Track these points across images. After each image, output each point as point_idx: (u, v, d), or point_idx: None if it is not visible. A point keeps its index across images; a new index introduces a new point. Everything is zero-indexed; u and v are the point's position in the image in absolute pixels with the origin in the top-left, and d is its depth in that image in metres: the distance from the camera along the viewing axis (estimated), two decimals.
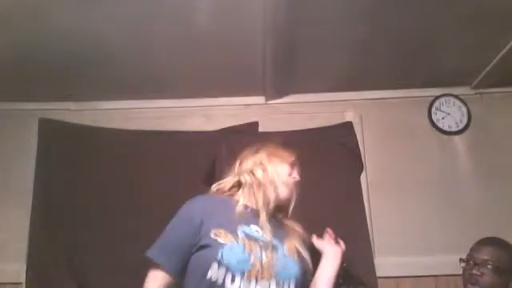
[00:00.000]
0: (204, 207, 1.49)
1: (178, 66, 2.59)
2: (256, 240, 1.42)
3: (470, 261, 1.73)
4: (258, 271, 1.36)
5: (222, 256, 1.35)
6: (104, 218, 2.69)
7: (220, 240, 1.38)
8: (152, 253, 1.45)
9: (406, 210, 2.76)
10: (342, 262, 1.65)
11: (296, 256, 1.49)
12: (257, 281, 1.35)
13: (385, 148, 2.89)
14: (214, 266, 1.35)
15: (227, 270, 1.34)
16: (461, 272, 1.79)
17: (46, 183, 2.81)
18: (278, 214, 1.60)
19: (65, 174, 2.82)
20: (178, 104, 3.00)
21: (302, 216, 2.62)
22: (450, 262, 1.95)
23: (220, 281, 1.34)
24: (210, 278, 1.34)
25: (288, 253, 1.48)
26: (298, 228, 1.61)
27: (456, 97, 2.95)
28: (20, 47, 2.36)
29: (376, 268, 2.63)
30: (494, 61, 2.60)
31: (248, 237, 1.42)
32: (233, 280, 1.33)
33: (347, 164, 2.84)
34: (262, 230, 1.46)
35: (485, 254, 1.69)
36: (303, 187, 2.76)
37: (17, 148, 2.92)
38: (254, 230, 1.45)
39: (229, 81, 2.80)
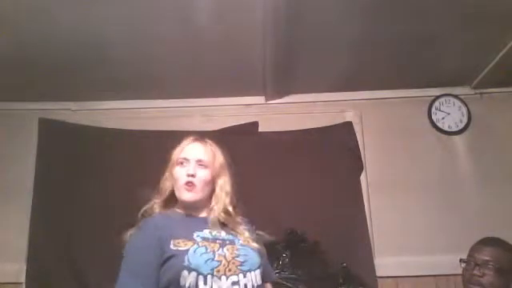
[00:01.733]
0: (157, 225, 1.50)
1: (178, 66, 2.59)
2: (214, 239, 1.46)
3: (470, 261, 1.72)
4: (225, 267, 1.39)
5: (188, 261, 1.36)
6: (104, 218, 2.69)
7: (181, 248, 1.39)
8: (123, 282, 1.45)
9: (406, 210, 2.76)
10: (342, 262, 1.65)
11: (253, 246, 1.52)
12: (227, 276, 1.38)
13: (385, 148, 2.89)
14: (184, 272, 1.35)
15: (197, 273, 1.35)
16: (461, 272, 1.79)
17: (46, 183, 2.81)
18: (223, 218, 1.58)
19: (65, 174, 2.82)
20: (178, 104, 3.00)
21: (301, 216, 2.65)
22: (449, 262, 1.95)
23: (193, 284, 1.35)
24: (184, 285, 1.35)
25: (245, 243, 1.51)
26: (245, 232, 1.57)
27: (456, 97, 2.95)
28: (20, 47, 2.36)
29: (376, 268, 2.63)
30: (494, 61, 2.60)
31: (205, 239, 1.45)
32: (205, 281, 1.35)
33: (347, 164, 2.84)
34: (214, 231, 1.49)
35: (486, 255, 1.69)
36: (303, 187, 2.79)
37: (17, 148, 2.92)
38: (207, 232, 1.48)
39: (229, 81, 2.80)
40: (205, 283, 1.35)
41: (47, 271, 2.65)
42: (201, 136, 1.68)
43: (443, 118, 2.92)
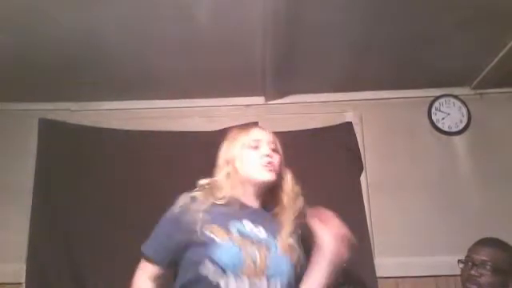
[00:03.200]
0: (196, 203, 1.50)
1: (178, 66, 2.59)
2: (249, 237, 1.42)
3: (468, 262, 1.73)
4: (250, 270, 1.37)
5: (214, 254, 1.36)
6: (104, 218, 2.69)
7: (213, 237, 1.39)
8: (144, 247, 1.51)
9: (406, 210, 2.76)
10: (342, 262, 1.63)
11: (289, 254, 1.48)
12: (249, 278, 1.36)
13: (385, 148, 2.89)
14: (207, 263, 1.36)
15: (220, 267, 1.35)
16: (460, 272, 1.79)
17: (46, 183, 2.81)
18: (268, 203, 1.58)
19: (65, 174, 2.82)
20: (178, 104, 3.00)
21: None
22: (450, 262, 1.95)
23: (212, 278, 1.35)
24: (203, 275, 1.36)
25: (281, 252, 1.46)
26: (290, 216, 1.56)
27: (456, 97, 2.95)
28: (20, 47, 2.36)
29: (376, 268, 2.63)
30: (494, 61, 2.60)
31: (241, 234, 1.42)
32: (226, 279, 1.35)
33: (347, 164, 2.84)
34: (253, 225, 1.46)
35: (483, 255, 1.69)
36: (303, 187, 2.78)
37: (17, 148, 2.92)
38: (246, 226, 1.45)
39: (229, 81, 2.80)
40: (223, 279, 1.35)
41: (47, 271, 2.65)
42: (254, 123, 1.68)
43: (443, 119, 2.92)
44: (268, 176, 1.52)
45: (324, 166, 2.81)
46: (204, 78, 2.75)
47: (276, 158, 1.56)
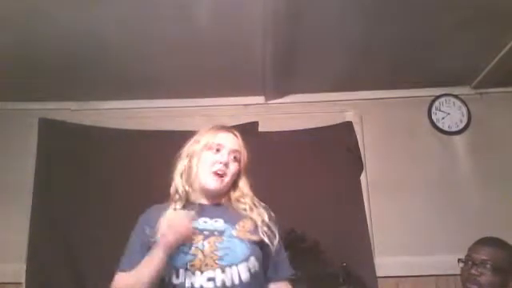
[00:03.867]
0: (152, 215, 1.51)
1: (178, 66, 2.59)
2: (201, 231, 1.40)
3: (468, 261, 1.73)
4: (200, 261, 1.34)
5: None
6: (104, 218, 2.69)
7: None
8: (119, 265, 1.52)
9: (406, 210, 2.76)
10: (342, 262, 1.63)
11: (249, 235, 1.43)
12: (202, 271, 1.33)
13: (385, 148, 2.89)
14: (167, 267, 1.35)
15: (171, 265, 1.34)
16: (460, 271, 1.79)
17: (46, 183, 2.81)
18: (223, 200, 1.54)
19: (65, 174, 2.82)
20: (178, 104, 3.00)
21: (301, 216, 2.65)
22: (450, 262, 1.95)
23: (167, 278, 1.35)
24: (161, 278, 1.35)
25: (237, 234, 1.42)
26: (256, 216, 1.50)
27: (456, 97, 2.95)
28: (20, 47, 2.36)
29: (376, 268, 2.63)
30: (494, 61, 2.60)
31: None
32: (177, 274, 1.34)
33: (347, 164, 2.84)
34: (211, 219, 1.43)
35: (483, 254, 1.69)
36: (303, 187, 2.78)
37: (17, 148, 2.92)
38: (201, 221, 1.42)
39: (229, 81, 2.80)
40: (177, 277, 1.33)
41: (47, 271, 2.65)
42: (232, 128, 1.61)
43: (443, 118, 2.92)
44: (213, 184, 1.47)
45: (324, 166, 2.81)
46: (204, 78, 2.75)
47: (232, 168, 1.50)
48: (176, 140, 2.91)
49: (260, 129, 2.92)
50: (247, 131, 2.88)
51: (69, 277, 2.63)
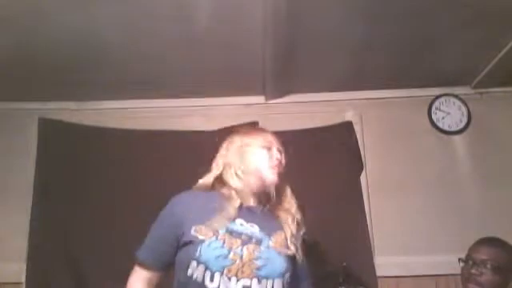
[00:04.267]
0: (186, 204, 1.48)
1: (178, 65, 2.59)
2: (239, 235, 1.38)
3: (468, 261, 1.73)
4: (238, 268, 1.32)
5: (200, 253, 1.33)
6: (104, 218, 2.69)
7: (199, 236, 1.35)
8: (138, 252, 1.49)
9: (406, 210, 2.76)
10: (342, 262, 1.64)
11: (283, 251, 1.43)
12: (238, 279, 1.31)
13: (385, 148, 2.89)
14: (193, 263, 1.34)
15: (206, 267, 1.32)
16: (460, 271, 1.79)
17: (46, 183, 2.81)
18: (268, 203, 1.54)
19: (65, 174, 2.82)
20: (177, 104, 3.00)
21: (301, 216, 2.64)
22: (450, 262, 1.95)
23: (200, 278, 1.32)
24: (191, 276, 1.33)
25: (273, 246, 1.41)
26: (290, 220, 1.54)
27: (456, 96, 2.95)
28: (20, 47, 2.36)
29: (376, 268, 2.63)
30: (494, 60, 2.60)
31: (230, 232, 1.37)
32: (212, 278, 1.31)
33: (347, 164, 2.84)
34: (246, 223, 1.42)
35: (484, 254, 1.69)
36: (303, 187, 2.78)
37: (17, 148, 2.92)
38: (238, 223, 1.41)
39: (229, 80, 2.80)
40: (211, 280, 1.31)
41: (47, 271, 2.65)
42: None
43: (443, 118, 2.92)
44: (274, 178, 1.53)
45: (324, 166, 2.81)
46: (204, 78, 2.75)
47: (281, 165, 1.57)
48: (176, 140, 2.95)
49: None
50: None
51: (69, 277, 2.63)
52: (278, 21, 2.13)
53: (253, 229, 1.41)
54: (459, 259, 1.77)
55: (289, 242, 1.46)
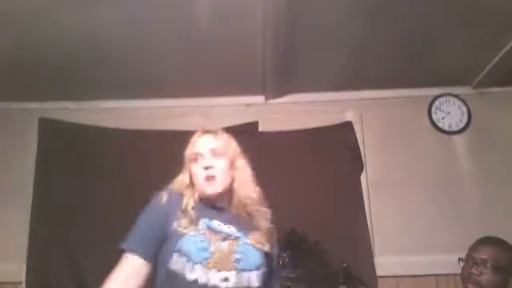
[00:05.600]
0: (169, 200, 1.49)
1: (178, 65, 2.59)
2: (218, 232, 1.41)
3: (469, 260, 1.73)
4: (217, 260, 1.35)
5: (181, 245, 1.35)
6: (104, 218, 2.69)
7: (181, 230, 1.38)
8: (125, 243, 1.47)
9: (406, 210, 2.76)
10: (342, 262, 1.64)
11: (260, 246, 1.45)
12: (218, 270, 1.34)
13: (385, 148, 2.89)
14: (175, 255, 1.36)
15: (187, 259, 1.34)
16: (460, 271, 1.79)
17: (45, 182, 2.81)
18: (230, 204, 1.52)
19: (64, 174, 2.82)
20: (177, 104, 3.00)
21: (301, 216, 2.65)
22: (450, 262, 1.95)
23: (180, 270, 1.34)
24: (172, 268, 1.35)
25: (250, 242, 1.44)
26: (264, 222, 1.51)
27: (456, 96, 2.95)
28: (20, 47, 2.36)
29: (376, 267, 2.63)
30: (494, 60, 2.60)
31: (209, 228, 1.40)
32: (192, 269, 1.33)
33: (347, 164, 2.84)
34: (224, 224, 1.44)
35: (484, 254, 1.69)
36: (303, 187, 2.78)
37: (17, 148, 2.92)
38: (216, 224, 1.43)
39: (229, 80, 2.80)
40: (192, 271, 1.33)
41: (47, 271, 2.65)
42: (210, 129, 1.61)
43: (443, 118, 2.92)
44: (209, 190, 1.46)
45: (324, 166, 2.81)
46: (204, 78, 2.75)
47: (218, 165, 1.48)
48: (176, 140, 2.90)
49: (260, 129, 2.92)
50: (247, 131, 2.89)
51: (69, 276, 2.63)
52: (278, 21, 2.13)
53: (230, 229, 1.44)
54: (459, 259, 1.77)
55: (264, 240, 1.48)
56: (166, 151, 2.84)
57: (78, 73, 2.64)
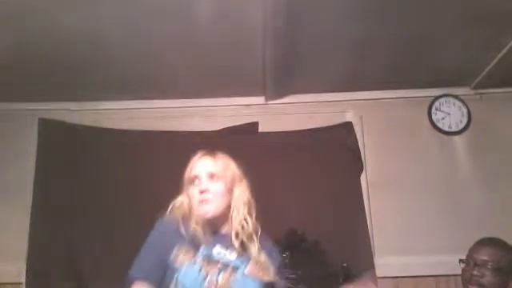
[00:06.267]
0: (170, 224, 1.48)
1: (178, 66, 2.59)
2: (216, 262, 1.40)
3: (469, 261, 1.72)
4: None
5: (178, 277, 1.35)
6: (104, 218, 2.69)
7: (179, 260, 1.38)
8: (133, 270, 1.45)
9: (406, 210, 2.76)
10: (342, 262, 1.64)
11: (261, 274, 1.44)
12: None
13: (385, 148, 2.89)
14: (172, 286, 1.36)
15: None
16: (460, 272, 1.79)
17: (45, 183, 2.81)
18: (225, 225, 1.51)
19: (64, 174, 2.82)
20: (177, 104, 3.00)
21: (302, 216, 2.65)
22: (450, 262, 1.95)
23: None
24: None
25: (249, 273, 1.43)
26: (257, 253, 1.48)
27: (456, 97, 2.95)
28: (20, 47, 2.36)
29: (376, 268, 2.63)
30: (494, 61, 2.60)
31: (208, 258, 1.40)
32: None
33: (347, 164, 2.84)
34: (224, 250, 1.43)
35: (485, 255, 1.69)
36: (303, 187, 2.78)
37: (17, 148, 2.92)
38: (215, 251, 1.42)
39: (229, 81, 2.80)
40: None
41: (47, 271, 2.65)
42: (210, 150, 1.59)
43: (443, 119, 2.92)
44: (204, 211, 1.45)
45: (324, 166, 2.81)
46: (204, 78, 2.75)
47: (215, 189, 1.47)
48: (176, 141, 2.94)
49: (260, 129, 2.92)
50: (247, 132, 2.89)
51: (69, 277, 2.63)
52: (278, 21, 2.13)
53: (230, 256, 1.43)
54: (460, 260, 1.77)
55: (261, 269, 1.46)
56: (167, 152, 2.85)
57: (78, 73, 2.63)
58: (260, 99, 3.01)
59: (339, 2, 2.07)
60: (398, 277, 2.64)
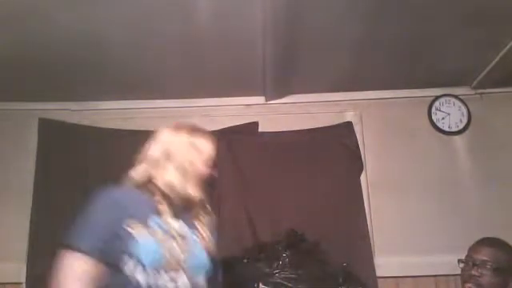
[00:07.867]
0: (118, 198, 1.51)
1: (178, 66, 2.59)
2: (167, 230, 1.41)
3: (468, 261, 1.72)
4: (167, 262, 1.36)
5: (132, 248, 1.35)
6: None
7: (131, 231, 1.37)
8: (73, 238, 1.46)
9: (406, 210, 2.76)
10: (342, 262, 1.63)
11: (208, 246, 1.49)
12: (166, 271, 1.35)
13: (385, 148, 2.89)
14: (125, 257, 1.35)
15: (137, 261, 1.34)
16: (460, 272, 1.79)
17: (45, 183, 2.81)
18: (193, 210, 1.55)
19: (65, 175, 2.82)
20: (178, 104, 3.00)
21: (301, 216, 2.65)
22: (450, 262, 1.95)
23: (130, 273, 1.34)
24: (122, 270, 1.34)
25: (200, 244, 1.47)
26: (206, 233, 1.53)
27: (456, 97, 2.95)
28: (20, 47, 2.36)
29: (376, 268, 2.63)
30: (494, 61, 2.60)
31: (160, 227, 1.40)
32: (141, 271, 1.33)
33: (347, 164, 2.84)
34: (174, 221, 1.44)
35: (484, 255, 1.69)
36: (303, 187, 2.78)
37: (17, 148, 2.92)
38: (165, 220, 1.43)
39: (229, 81, 2.80)
40: (141, 273, 1.33)
41: (47, 271, 2.64)
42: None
43: (443, 118, 2.92)
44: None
45: (324, 166, 2.81)
46: (204, 78, 2.75)
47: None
48: None
49: (260, 129, 2.92)
50: (247, 131, 2.89)
51: None
52: (278, 21, 2.13)
53: (179, 224, 1.45)
54: (459, 260, 1.77)
55: (208, 240, 1.51)
56: None
57: (78, 73, 2.63)
58: (260, 99, 3.01)
59: (339, 2, 2.07)
60: (398, 277, 2.64)
